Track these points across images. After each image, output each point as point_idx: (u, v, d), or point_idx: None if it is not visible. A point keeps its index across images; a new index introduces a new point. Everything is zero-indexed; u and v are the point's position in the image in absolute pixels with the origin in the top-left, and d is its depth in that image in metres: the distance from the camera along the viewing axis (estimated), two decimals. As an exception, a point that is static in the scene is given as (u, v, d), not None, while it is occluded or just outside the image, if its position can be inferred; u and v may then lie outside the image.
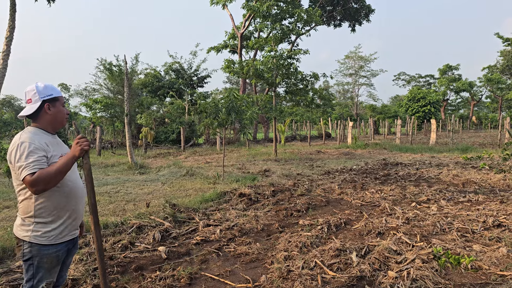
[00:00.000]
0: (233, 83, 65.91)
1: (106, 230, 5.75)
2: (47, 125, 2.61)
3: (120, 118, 25.61)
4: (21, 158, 2.35)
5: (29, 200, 2.46)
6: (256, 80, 18.92)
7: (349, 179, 10.48)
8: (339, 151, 19.95)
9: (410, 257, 4.23)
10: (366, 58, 66.40)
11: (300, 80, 18.21)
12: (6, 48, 6.82)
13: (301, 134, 40.25)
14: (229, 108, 10.42)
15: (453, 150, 19.12)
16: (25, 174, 2.30)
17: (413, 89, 49.50)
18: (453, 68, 60.72)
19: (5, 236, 5.18)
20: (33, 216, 2.47)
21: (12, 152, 2.39)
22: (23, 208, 2.48)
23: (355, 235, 5.44)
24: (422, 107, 45.54)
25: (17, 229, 2.53)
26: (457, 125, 49.62)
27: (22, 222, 2.50)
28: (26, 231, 2.48)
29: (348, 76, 69.48)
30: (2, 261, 4.65)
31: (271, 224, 6.22)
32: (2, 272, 4.23)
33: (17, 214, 2.56)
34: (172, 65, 36.14)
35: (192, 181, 10.47)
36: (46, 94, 2.58)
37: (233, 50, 33.59)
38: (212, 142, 26.61)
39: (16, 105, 73.37)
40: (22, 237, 2.49)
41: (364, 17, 35.04)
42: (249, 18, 28.61)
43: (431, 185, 9.18)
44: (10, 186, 9.96)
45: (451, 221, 5.81)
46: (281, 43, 24.35)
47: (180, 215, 6.57)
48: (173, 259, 4.70)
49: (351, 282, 3.81)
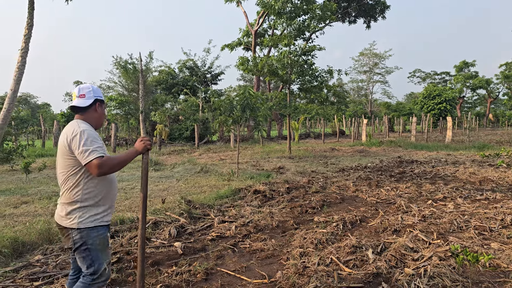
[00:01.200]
0: (247, 81, 65.96)
1: (123, 225, 5.82)
2: (92, 121, 2.85)
3: (134, 115, 25.88)
4: (87, 143, 2.58)
5: (77, 186, 2.67)
6: (271, 77, 18.89)
7: (364, 177, 10.41)
8: (353, 148, 19.82)
9: (427, 254, 4.19)
10: (380, 55, 65.85)
11: (315, 77, 18.12)
12: (24, 46, 6.95)
13: (315, 131, 40.10)
14: (243, 105, 10.44)
15: (469, 148, 18.83)
16: (95, 156, 2.53)
17: (429, 86, 48.91)
18: (470, 65, 59.72)
19: (24, 231, 5.28)
20: (80, 201, 2.66)
21: (75, 138, 2.60)
22: (70, 194, 2.67)
23: (370, 232, 5.41)
24: (437, 105, 44.96)
25: (62, 219, 2.70)
26: (474, 122, 48.79)
27: (67, 211, 2.68)
28: (73, 218, 2.66)
29: (363, 73, 69.03)
30: (21, 255, 4.75)
31: (286, 220, 6.23)
32: (21, 266, 4.32)
33: (60, 204, 2.74)
34: (186, 62, 36.31)
35: (206, 178, 10.52)
36: (99, 95, 2.91)
37: (247, 48, 33.58)
38: (226, 139, 26.69)
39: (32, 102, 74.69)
40: (70, 225, 2.66)
41: (379, 13, 34.63)
42: (263, 15, 28.57)
43: (447, 183, 9.06)
44: (27, 182, 10.16)
45: (468, 219, 5.74)
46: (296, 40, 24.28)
47: (195, 211, 6.62)
48: (189, 254, 4.74)
49: (367, 278, 3.79)
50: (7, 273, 4.12)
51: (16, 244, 4.84)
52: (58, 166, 2.74)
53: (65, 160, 2.67)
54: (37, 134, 37.99)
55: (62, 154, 2.69)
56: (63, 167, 2.69)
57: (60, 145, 2.72)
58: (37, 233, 5.17)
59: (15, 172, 12.39)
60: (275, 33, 30.62)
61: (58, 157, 2.75)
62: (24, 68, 7.21)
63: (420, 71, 70.12)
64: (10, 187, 9.43)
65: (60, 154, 2.71)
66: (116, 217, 6.13)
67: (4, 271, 4.13)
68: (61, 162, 2.70)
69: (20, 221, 6.11)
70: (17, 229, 5.45)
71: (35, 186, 9.59)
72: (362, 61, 67.98)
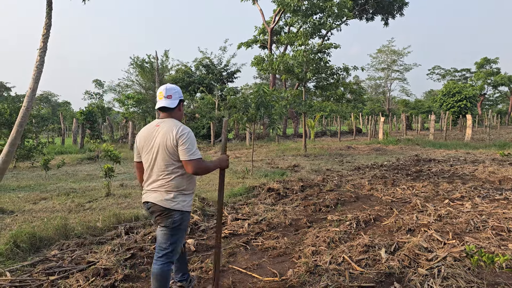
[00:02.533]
0: (263, 79, 65.90)
1: (137, 222, 5.90)
2: (178, 118, 3.25)
3: (151, 114, 26.14)
4: (192, 143, 3.05)
5: (182, 177, 3.13)
6: (286, 75, 18.83)
7: (380, 175, 10.30)
8: (369, 147, 19.61)
9: (442, 254, 4.12)
10: (399, 52, 64.86)
11: (331, 75, 17.99)
12: (42, 45, 7.09)
13: (331, 129, 39.84)
14: (258, 103, 10.44)
15: (489, 147, 18.41)
16: (197, 157, 3.02)
17: (449, 83, 47.93)
18: (491, 62, 58.35)
19: (41, 226, 5.39)
20: (184, 189, 3.15)
21: (184, 136, 3.02)
22: (176, 183, 3.11)
23: (384, 232, 5.35)
24: (457, 102, 44.05)
25: (167, 202, 3.09)
26: (495, 120, 47.69)
27: (173, 196, 3.10)
28: (178, 202, 3.11)
29: (380, 70, 68.12)
30: (38, 250, 4.86)
31: (299, 219, 6.21)
32: (38, 261, 4.42)
33: (164, 190, 3.11)
34: (202, 60, 36.49)
35: (221, 176, 10.56)
36: (181, 95, 3.33)
37: (263, 45, 33.53)
38: (241, 137, 26.74)
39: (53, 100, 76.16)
40: (174, 208, 3.09)
41: (397, 10, 34.10)
42: (279, 13, 28.46)
43: (466, 182, 8.89)
44: (46, 179, 10.38)
45: (485, 219, 5.61)
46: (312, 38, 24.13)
47: (209, 208, 6.65)
48: (201, 251, 4.78)
49: (380, 278, 3.75)
50: (25, 267, 4.22)
51: (34, 239, 4.94)
52: (159, 157, 3.09)
53: (168, 155, 3.07)
54: (57, 132, 38.74)
55: (164, 148, 3.06)
56: (167, 160, 3.08)
57: (162, 140, 3.07)
58: (54, 228, 5.28)
59: (35, 169, 12.68)
60: (291, 31, 30.49)
61: (157, 150, 3.10)
62: (43, 67, 7.35)
63: (440, 68, 68.81)
64: (30, 183, 9.67)
65: (162, 148, 3.06)
66: (130, 213, 6.21)
67: (22, 265, 4.24)
68: (165, 156, 3.07)
69: (38, 216, 6.25)
70: (35, 225, 5.58)
71: (54, 182, 9.80)
72: (379, 58, 67.14)
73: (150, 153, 3.15)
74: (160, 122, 3.17)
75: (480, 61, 59.12)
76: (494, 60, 58.05)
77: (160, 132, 3.09)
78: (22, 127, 7.15)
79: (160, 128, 3.12)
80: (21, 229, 5.17)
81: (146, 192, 3.21)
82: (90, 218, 6.04)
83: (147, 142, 3.18)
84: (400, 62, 65.78)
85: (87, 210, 6.73)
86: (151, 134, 3.17)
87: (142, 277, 4.02)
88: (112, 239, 5.22)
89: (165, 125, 3.11)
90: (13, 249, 4.58)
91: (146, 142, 3.19)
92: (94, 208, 6.85)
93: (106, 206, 6.95)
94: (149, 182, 3.18)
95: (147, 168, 3.19)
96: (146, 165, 3.21)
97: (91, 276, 3.89)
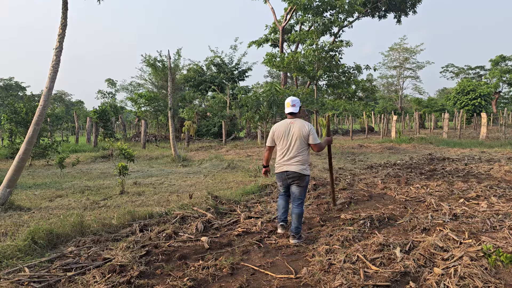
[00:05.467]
0: (274, 77, 65.81)
1: (151, 219, 5.95)
2: (300, 118, 5.17)
3: (163, 112, 26.30)
4: (315, 133, 4.96)
5: (308, 155, 5.03)
6: (297, 73, 18.78)
7: (393, 174, 10.22)
8: (382, 145, 19.46)
9: (458, 254, 4.07)
10: (411, 50, 64.00)
11: (342, 73, 17.89)
12: (58, 45, 7.18)
13: (343, 128, 39.62)
14: (270, 101, 10.44)
15: (505, 145, 18.13)
16: (318, 142, 4.94)
17: (462, 81, 47.28)
18: (507, 59, 57.26)
19: (58, 223, 5.47)
20: (307, 162, 5.01)
21: (312, 130, 4.92)
22: (306, 158, 4.96)
23: (399, 231, 5.31)
24: (471, 100, 43.45)
25: (302, 170, 4.89)
26: (510, 119, 46.88)
27: (306, 166, 4.96)
28: (307, 170, 4.98)
29: (393, 68, 67.34)
30: (55, 246, 4.93)
31: (312, 217, 6.20)
32: (56, 257, 4.49)
33: (300, 163, 4.89)
34: (213, 59, 36.58)
35: (233, 174, 10.60)
36: (299, 103, 5.16)
37: (274, 44, 33.45)
38: (253, 135, 26.76)
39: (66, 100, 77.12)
40: (306, 173, 4.94)
41: (410, 7, 33.71)
42: (291, 11, 28.36)
43: (481, 181, 8.77)
44: (61, 177, 10.53)
45: (502, 219, 5.53)
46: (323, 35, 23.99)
47: (222, 207, 6.68)
48: (215, 249, 4.80)
49: (395, 277, 3.72)
50: (43, 263, 4.29)
51: (51, 235, 5.02)
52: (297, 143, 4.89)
53: (303, 141, 4.91)
54: (71, 131, 39.23)
55: (300, 136, 4.88)
56: (301, 144, 4.90)
57: (297, 132, 4.88)
58: (71, 225, 5.35)
59: (50, 167, 12.87)
60: (303, 29, 30.37)
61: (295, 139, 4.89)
62: (58, 67, 7.44)
63: (453, 65, 67.82)
64: (46, 181, 9.81)
65: (298, 137, 4.88)
66: (145, 211, 6.27)
67: (40, 261, 4.31)
68: (301, 141, 4.89)
69: (54, 213, 6.35)
70: (52, 222, 5.66)
71: (69, 180, 9.93)
72: (392, 56, 66.37)
73: (288, 139, 4.93)
74: (293, 121, 4.99)
75: (495, 58, 58.10)
76: (509, 57, 57.02)
77: (296, 127, 4.92)
78: (39, 126, 7.25)
79: (294, 125, 4.95)
80: (38, 225, 5.25)
81: (284, 165, 4.96)
82: (105, 216, 6.11)
83: (285, 133, 4.96)
84: (413, 60, 64.98)
85: (102, 208, 6.81)
86: (287, 127, 4.97)
87: (157, 274, 4.05)
88: (127, 236, 5.28)
89: (298, 123, 4.96)
90: (31, 245, 4.66)
91: (284, 133, 4.97)
92: (108, 206, 6.92)
93: (120, 204, 7.02)
94: (287, 158, 4.93)
95: (285, 149, 4.95)
96: (284, 148, 4.96)
97: (107, 272, 3.93)
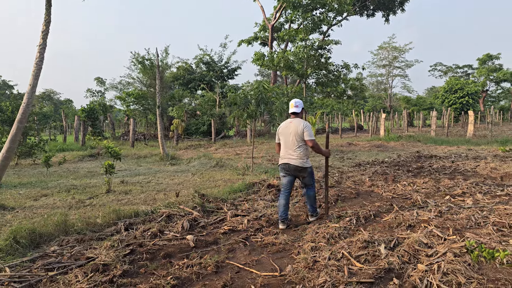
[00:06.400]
0: (264, 76, 65.82)
1: (137, 218, 5.90)
2: (301, 118, 5.72)
3: (152, 111, 26.12)
4: (310, 130, 5.44)
5: (307, 149, 5.54)
6: (287, 72, 18.78)
7: (381, 172, 10.28)
8: (371, 143, 19.56)
9: (441, 250, 4.09)
10: (400, 49, 64.62)
11: (331, 71, 17.94)
12: (42, 42, 7.07)
13: (332, 126, 39.78)
14: (258, 99, 10.41)
15: (492, 143, 18.35)
16: (314, 139, 5.42)
17: (450, 79, 47.74)
18: (494, 58, 58.05)
19: (41, 222, 5.39)
20: (307, 156, 5.55)
21: (307, 127, 5.43)
22: (305, 152, 5.49)
23: (384, 227, 5.33)
24: (459, 99, 43.95)
25: (303, 164, 5.46)
26: (497, 117, 47.52)
27: (304, 160, 5.49)
28: (307, 163, 5.54)
29: (382, 67, 67.88)
30: (38, 246, 4.86)
31: (299, 215, 6.20)
32: (38, 256, 4.42)
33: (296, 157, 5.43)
34: (202, 57, 36.42)
35: (221, 172, 10.56)
36: (302, 105, 5.79)
37: (264, 42, 33.43)
38: (242, 134, 26.72)
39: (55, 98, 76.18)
40: (307, 166, 5.53)
41: (398, 6, 33.94)
42: (280, 9, 28.37)
43: (467, 178, 8.86)
44: (48, 176, 10.39)
45: (487, 215, 5.58)
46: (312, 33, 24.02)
47: (208, 205, 6.65)
48: (200, 247, 4.77)
49: (379, 274, 3.73)
50: (24, 263, 4.22)
51: (34, 235, 4.95)
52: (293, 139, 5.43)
53: (299, 137, 5.41)
54: (59, 130, 38.80)
55: (296, 133, 5.41)
56: (298, 140, 5.42)
57: (294, 129, 5.43)
58: (54, 224, 5.28)
59: (36, 166, 12.70)
60: (292, 27, 30.41)
61: (292, 135, 5.44)
62: (42, 64, 7.34)
63: (442, 64, 68.61)
64: (32, 180, 9.68)
65: (294, 134, 5.42)
66: (130, 210, 6.21)
67: (22, 261, 4.24)
68: (297, 137, 5.42)
69: (39, 213, 6.26)
70: (35, 221, 5.58)
71: (55, 179, 9.81)
72: (381, 54, 66.88)
73: (287, 136, 5.50)
74: (292, 120, 5.56)
75: (482, 57, 58.86)
76: (496, 56, 57.79)
77: (293, 125, 5.48)
78: (23, 124, 7.15)
79: (292, 123, 5.51)
80: (21, 225, 5.17)
81: (285, 158, 5.53)
82: (90, 214, 6.04)
83: (285, 131, 5.55)
84: (402, 58, 65.56)
85: (87, 207, 6.73)
86: (287, 126, 5.55)
87: (141, 272, 4.01)
88: (111, 235, 5.22)
89: (295, 121, 5.52)
90: (12, 245, 4.59)
91: (284, 131, 5.56)
92: (94, 205, 6.85)
93: (106, 203, 6.95)
94: (287, 153, 5.51)
95: (285, 145, 5.53)
96: (284, 143, 5.55)
97: (90, 271, 3.88)
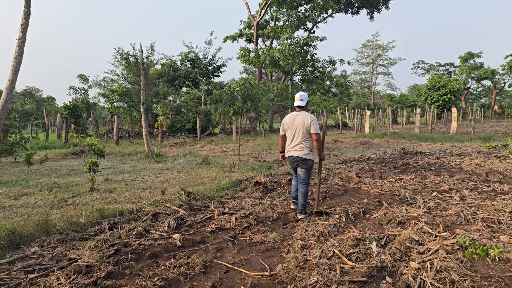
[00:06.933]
0: (249, 73, 65.58)
1: (122, 217, 5.73)
2: (306, 111, 5.79)
3: (137, 108, 25.69)
4: (316, 124, 5.50)
5: (311, 141, 5.60)
6: (272, 69, 18.69)
7: (367, 168, 10.27)
8: (356, 140, 19.64)
9: (433, 247, 4.05)
10: (384, 47, 65.03)
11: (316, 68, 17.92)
12: (21, 35, 6.81)
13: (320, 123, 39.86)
14: (244, 96, 10.29)
15: (474, 139, 18.62)
16: (317, 132, 5.50)
17: (433, 77, 48.42)
18: (475, 56, 59.03)
19: (21, 222, 5.19)
20: (310, 148, 5.62)
21: (313, 121, 5.52)
22: (309, 145, 5.59)
23: (374, 225, 5.29)
24: (442, 96, 44.61)
25: (305, 155, 5.57)
26: (479, 114, 48.36)
27: (309, 152, 5.59)
28: (310, 155, 5.61)
29: (366, 65, 68.27)
30: (18, 247, 4.66)
31: (287, 212, 6.12)
32: (17, 258, 4.23)
33: (299, 149, 5.58)
34: (187, 54, 36.05)
35: (208, 170, 10.42)
36: (307, 98, 5.86)
37: (249, 39, 33.26)
38: (228, 131, 26.55)
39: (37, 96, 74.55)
40: (309, 158, 5.60)
41: (382, 4, 34.16)
42: (265, 6, 28.25)
43: (453, 175, 8.91)
44: (29, 174, 10.09)
45: (475, 211, 5.58)
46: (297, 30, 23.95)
47: (195, 203, 6.51)
48: (188, 247, 4.64)
49: (371, 272, 3.66)
50: (3, 265, 4.03)
51: (13, 236, 4.75)
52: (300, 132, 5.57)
53: (306, 130, 5.54)
54: (41, 127, 37.98)
55: (303, 126, 5.55)
56: (305, 133, 5.56)
57: (300, 122, 5.57)
58: (35, 224, 5.08)
59: (17, 164, 12.33)
60: (277, 25, 30.30)
61: (299, 128, 5.58)
62: (22, 58, 7.08)
63: (424, 62, 69.41)
64: (12, 179, 9.36)
65: (301, 126, 5.56)
66: (115, 208, 6.04)
67: (0, 263, 4.04)
68: (304, 130, 5.55)
69: (19, 212, 6.04)
70: (15, 221, 5.37)
71: (36, 178, 9.52)
72: (365, 52, 67.27)
73: (293, 129, 5.65)
74: (298, 113, 5.67)
75: (464, 55, 59.80)
76: (478, 54, 58.77)
77: (300, 118, 5.60)
78: (2, 121, 6.89)
79: (299, 116, 5.63)
80: (0, 225, 4.96)
81: (290, 151, 5.69)
82: (73, 214, 5.84)
83: (291, 123, 5.69)
84: (385, 56, 66.05)
85: (70, 206, 6.52)
86: (293, 119, 5.68)
87: (126, 274, 3.86)
88: (95, 235, 5.05)
89: (302, 115, 5.64)
90: (-10, 247, 4.38)
91: (290, 124, 5.70)
92: (77, 204, 6.64)
93: (89, 201, 6.74)
94: (293, 145, 5.65)
95: (291, 137, 5.68)
96: (290, 136, 5.70)
97: (72, 273, 3.72)
